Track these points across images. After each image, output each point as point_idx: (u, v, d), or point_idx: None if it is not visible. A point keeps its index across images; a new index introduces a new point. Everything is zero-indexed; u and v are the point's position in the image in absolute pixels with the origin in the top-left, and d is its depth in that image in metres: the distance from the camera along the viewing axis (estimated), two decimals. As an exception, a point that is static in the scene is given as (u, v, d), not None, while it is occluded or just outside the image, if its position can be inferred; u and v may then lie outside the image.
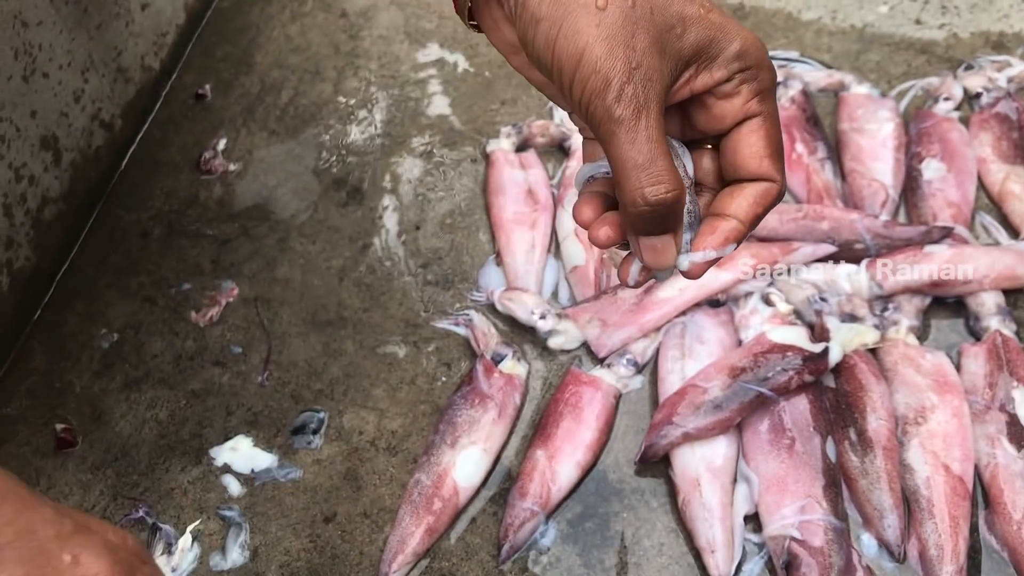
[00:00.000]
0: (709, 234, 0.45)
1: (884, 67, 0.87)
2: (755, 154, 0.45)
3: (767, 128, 0.45)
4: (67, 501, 0.70)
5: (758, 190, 0.45)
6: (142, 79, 0.91)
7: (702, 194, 0.47)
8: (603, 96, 0.42)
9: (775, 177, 0.45)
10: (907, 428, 0.66)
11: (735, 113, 0.45)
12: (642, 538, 0.65)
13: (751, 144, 0.45)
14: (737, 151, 0.46)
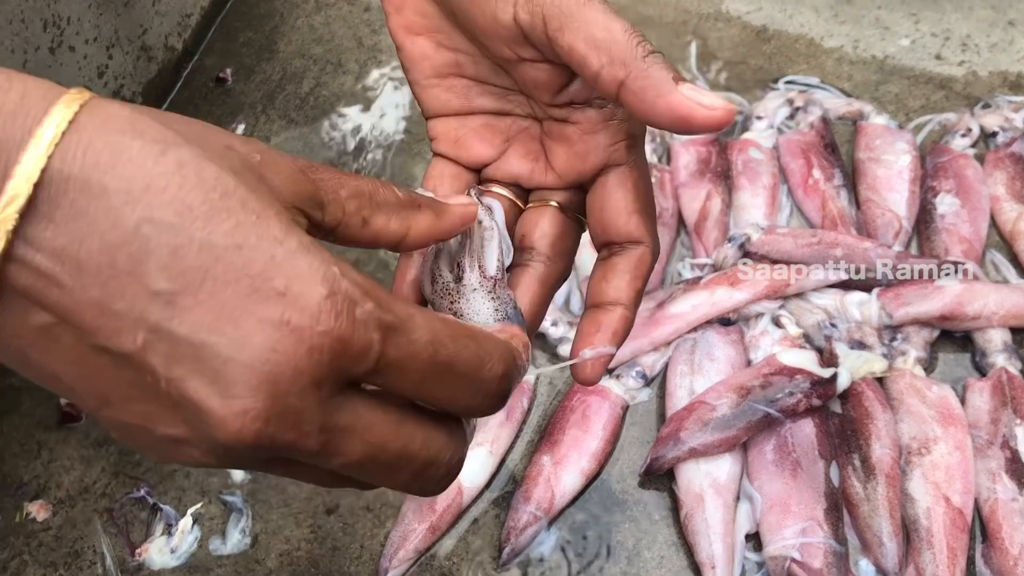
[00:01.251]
0: (594, 332, 0.41)
1: (903, 99, 0.88)
2: (622, 210, 0.42)
3: (634, 179, 0.42)
4: (68, 476, 0.69)
5: (631, 262, 0.42)
6: (164, 59, 0.91)
7: (529, 263, 0.43)
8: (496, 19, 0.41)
9: (643, 239, 0.42)
10: (910, 458, 0.67)
11: (598, 154, 0.42)
12: (643, 550, 0.65)
13: (617, 199, 0.42)
14: (604, 208, 0.42)
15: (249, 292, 0.30)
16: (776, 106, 0.86)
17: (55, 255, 0.30)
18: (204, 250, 0.30)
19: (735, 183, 0.81)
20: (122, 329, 0.31)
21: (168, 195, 0.30)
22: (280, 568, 0.65)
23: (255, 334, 0.30)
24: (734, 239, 0.76)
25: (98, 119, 0.31)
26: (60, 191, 0.30)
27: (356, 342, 0.31)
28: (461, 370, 0.34)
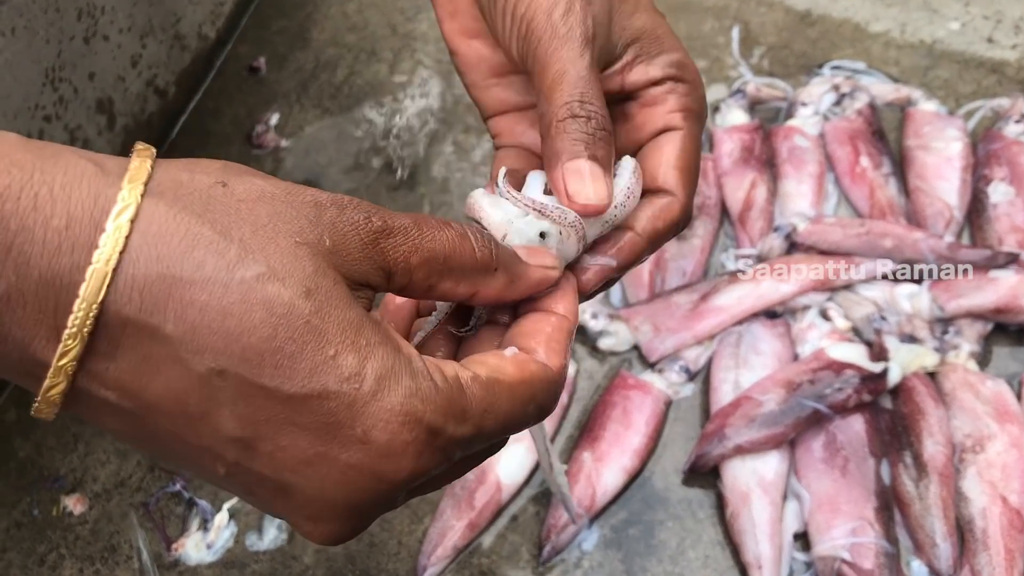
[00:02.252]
0: (603, 243, 0.41)
1: (953, 84, 0.86)
2: (663, 163, 0.42)
3: (685, 143, 0.42)
4: (104, 469, 0.69)
5: (658, 204, 0.41)
6: (198, 48, 0.90)
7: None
8: (550, 12, 0.40)
9: (676, 191, 0.41)
10: (964, 456, 0.64)
11: (656, 122, 0.42)
12: (687, 549, 0.64)
13: (663, 153, 0.42)
14: (646, 159, 0.42)
15: (329, 439, 0.30)
16: (821, 92, 0.83)
17: (121, 392, 0.29)
18: (279, 402, 0.30)
19: (780, 171, 0.79)
20: (202, 460, 0.31)
21: (233, 340, 0.29)
22: (317, 564, 0.64)
23: (337, 476, 0.31)
24: (780, 229, 0.74)
25: (152, 238, 0.29)
26: (120, 334, 0.29)
27: (434, 467, 0.32)
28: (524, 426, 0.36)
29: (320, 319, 0.30)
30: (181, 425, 0.30)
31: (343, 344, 0.30)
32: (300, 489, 0.31)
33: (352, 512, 0.32)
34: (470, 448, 0.34)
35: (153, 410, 0.30)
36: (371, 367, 0.30)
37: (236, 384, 0.29)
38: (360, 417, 0.30)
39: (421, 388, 0.31)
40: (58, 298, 0.28)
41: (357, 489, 0.31)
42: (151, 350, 0.29)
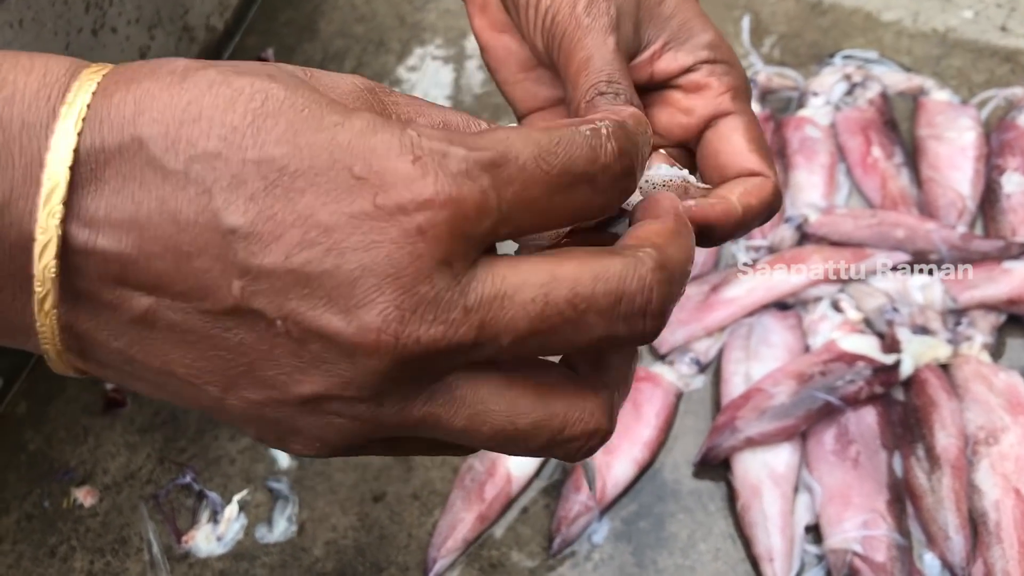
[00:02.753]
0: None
1: (966, 74, 0.85)
2: (738, 150, 0.40)
3: (747, 125, 0.40)
4: (114, 462, 0.69)
5: (750, 182, 0.39)
6: (206, 39, 0.90)
7: None
8: (574, 4, 0.39)
9: (766, 172, 0.39)
10: (977, 448, 0.64)
11: (704, 108, 0.41)
12: (698, 541, 0.63)
13: (732, 142, 0.40)
14: (719, 152, 0.40)
15: (327, 190, 0.27)
16: (833, 82, 0.83)
17: (116, 232, 0.28)
18: (263, 166, 0.27)
19: (791, 162, 0.78)
20: (215, 282, 0.27)
21: (205, 123, 0.27)
22: (327, 556, 0.64)
23: (352, 233, 0.26)
24: (791, 220, 0.74)
25: (118, 77, 0.29)
26: (100, 163, 0.28)
27: (467, 197, 0.27)
28: (578, 168, 0.29)
29: (288, 88, 0.28)
30: (182, 243, 0.27)
31: (317, 105, 0.28)
32: (319, 268, 0.27)
33: (390, 279, 0.26)
34: (511, 182, 0.28)
35: (150, 238, 0.27)
36: (356, 116, 0.28)
37: (217, 165, 0.27)
38: (352, 154, 0.27)
39: (416, 127, 0.28)
40: (39, 143, 0.28)
41: (385, 242, 0.26)
42: (130, 167, 0.27)
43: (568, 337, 0.29)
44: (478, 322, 0.27)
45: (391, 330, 0.27)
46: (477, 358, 0.28)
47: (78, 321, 0.29)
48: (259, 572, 0.64)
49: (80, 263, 0.28)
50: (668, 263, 0.30)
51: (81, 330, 0.29)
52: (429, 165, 0.27)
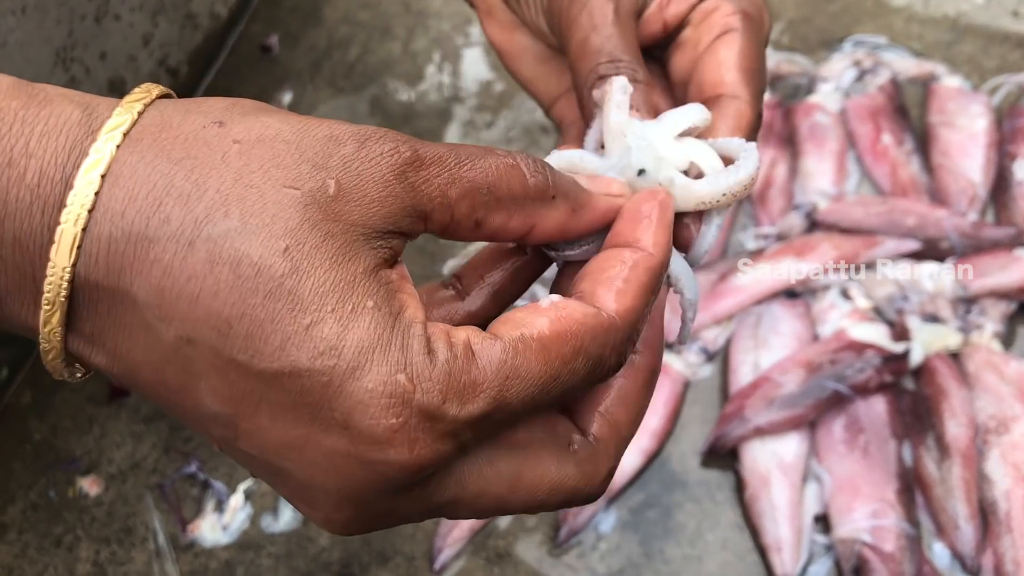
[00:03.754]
0: None
1: (977, 60, 0.84)
2: (722, 65, 0.38)
3: (741, 44, 0.38)
4: (119, 451, 0.69)
5: (726, 112, 0.37)
6: (210, 26, 0.89)
7: None
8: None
9: (740, 93, 0.37)
10: (987, 437, 0.63)
11: (712, 31, 0.39)
12: (705, 532, 0.63)
13: (720, 54, 0.38)
14: (704, 64, 0.38)
15: (309, 420, 0.26)
16: (843, 68, 0.82)
17: (109, 358, 0.28)
18: (252, 377, 0.26)
19: (800, 149, 0.77)
20: (197, 428, 0.29)
21: (201, 308, 0.26)
22: (332, 546, 0.64)
23: (323, 463, 0.27)
24: (800, 207, 0.73)
25: (120, 200, 0.26)
26: (94, 299, 0.27)
27: (443, 455, 0.27)
28: (570, 393, 0.29)
29: (296, 280, 0.26)
30: (165, 396, 0.28)
31: (321, 311, 0.26)
32: (289, 473, 0.28)
33: (351, 502, 0.28)
34: (498, 428, 0.28)
35: (139, 379, 0.28)
36: (352, 338, 0.26)
37: (207, 355, 0.26)
38: (337, 398, 0.26)
39: (412, 363, 0.26)
40: (34, 262, 0.27)
41: (348, 477, 0.27)
42: (124, 316, 0.27)
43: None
44: (435, 514, 0.29)
45: (347, 530, 0.29)
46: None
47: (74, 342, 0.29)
48: (264, 562, 0.64)
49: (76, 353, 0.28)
50: (621, 450, 0.32)
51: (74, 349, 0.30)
52: (412, 432, 0.26)
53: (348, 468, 0.27)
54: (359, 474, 0.27)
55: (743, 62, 0.38)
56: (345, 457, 0.27)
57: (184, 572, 0.64)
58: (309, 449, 0.27)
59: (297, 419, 0.27)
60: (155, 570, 0.64)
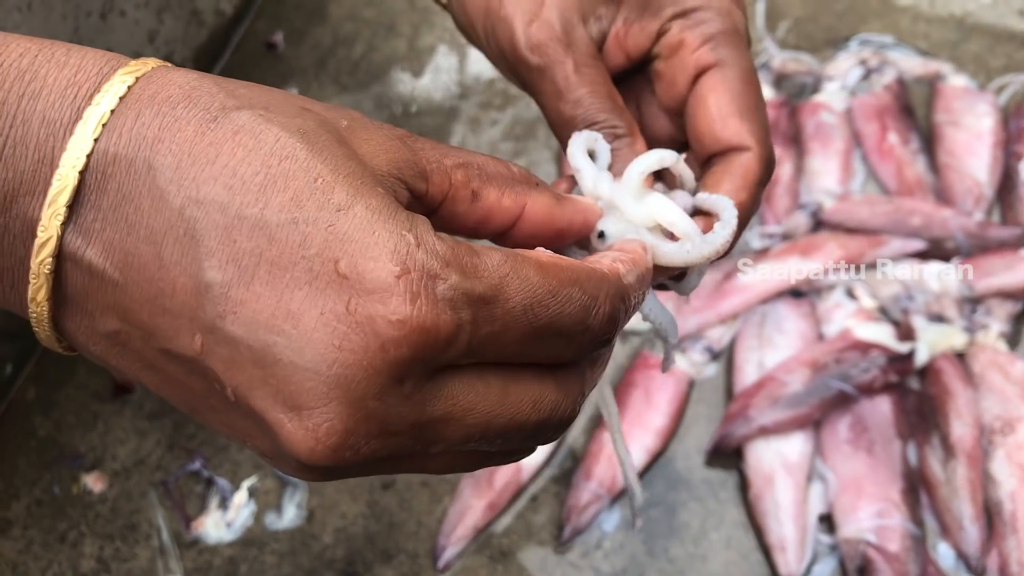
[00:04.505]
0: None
1: (983, 59, 0.84)
2: (716, 116, 0.36)
3: (729, 81, 0.36)
4: (123, 447, 0.69)
5: (731, 168, 0.36)
6: (215, 23, 0.89)
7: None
8: (515, 46, 0.37)
9: (746, 143, 0.36)
10: (993, 438, 0.63)
11: (686, 69, 0.37)
12: (709, 530, 0.63)
13: (709, 104, 0.36)
14: (696, 117, 0.37)
15: (308, 278, 0.26)
16: (849, 67, 0.82)
17: (104, 249, 0.27)
18: (257, 230, 0.26)
19: (806, 147, 0.77)
20: (179, 329, 0.27)
21: (218, 166, 0.27)
22: (336, 544, 0.64)
23: (318, 330, 0.26)
24: (806, 207, 0.73)
25: (153, 90, 0.28)
26: (107, 175, 0.27)
27: (441, 328, 0.26)
28: (563, 326, 0.29)
29: (312, 151, 0.27)
30: (159, 279, 0.27)
31: (333, 178, 0.27)
32: (277, 355, 0.26)
33: (340, 389, 0.26)
34: (492, 322, 0.27)
35: (132, 266, 0.27)
36: (361, 202, 0.27)
37: (213, 214, 0.26)
38: (341, 244, 0.26)
39: (419, 232, 0.27)
40: (55, 142, 0.27)
41: (343, 348, 0.26)
42: (133, 187, 0.27)
43: (500, 448, 0.30)
44: (420, 436, 0.28)
45: (329, 441, 0.26)
46: (417, 455, 0.29)
47: (63, 320, 0.29)
48: (268, 559, 0.64)
49: (68, 269, 0.28)
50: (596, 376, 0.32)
51: (66, 328, 0.29)
52: (415, 284, 0.26)
53: (344, 332, 0.26)
54: (355, 341, 0.26)
55: (737, 104, 0.36)
56: (342, 318, 0.26)
57: (188, 569, 0.64)
58: (305, 312, 0.26)
59: (295, 280, 0.26)
60: (159, 567, 0.64)
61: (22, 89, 0.27)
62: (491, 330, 0.27)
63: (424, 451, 0.28)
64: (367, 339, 0.26)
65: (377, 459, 0.28)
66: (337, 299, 0.26)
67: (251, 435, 0.29)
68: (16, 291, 0.29)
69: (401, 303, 0.26)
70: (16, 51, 0.28)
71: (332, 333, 0.26)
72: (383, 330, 0.26)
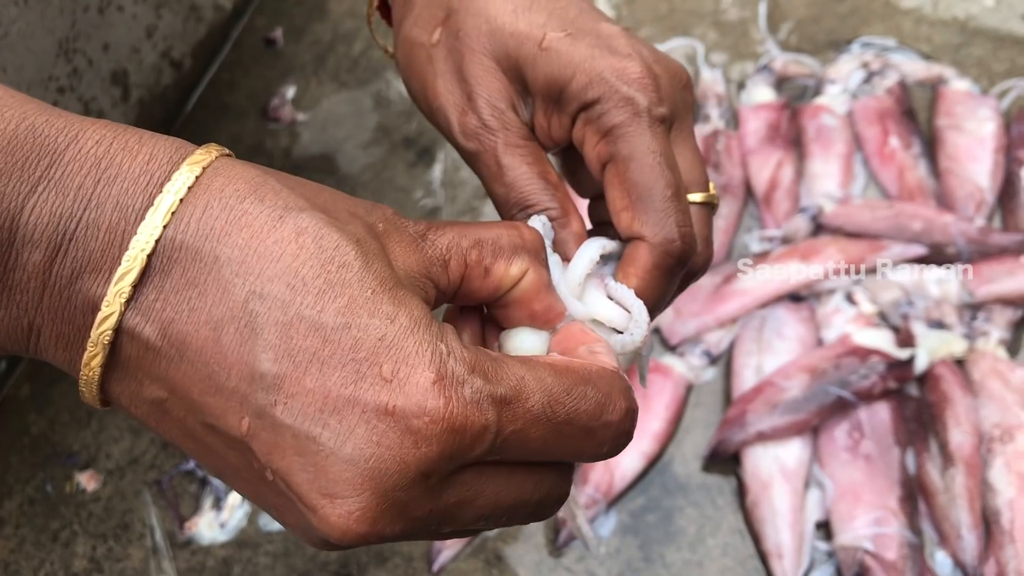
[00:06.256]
0: None
1: (986, 63, 0.83)
2: (612, 209, 0.38)
3: (622, 174, 0.38)
4: (117, 446, 0.68)
5: (628, 256, 0.38)
6: (214, 19, 0.89)
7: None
8: (451, 133, 0.40)
9: (639, 232, 0.37)
10: (992, 446, 0.63)
11: (591, 162, 0.39)
12: (706, 536, 0.62)
13: (608, 198, 0.39)
14: (610, 214, 0.39)
15: (356, 378, 0.29)
16: (850, 69, 0.81)
17: (162, 328, 0.30)
18: (313, 330, 0.29)
19: (807, 150, 0.77)
20: (228, 411, 0.30)
21: (281, 265, 0.29)
22: (331, 545, 0.64)
23: (359, 426, 0.29)
24: (806, 210, 0.73)
25: (220, 182, 0.31)
26: (172, 260, 0.30)
27: (469, 427, 0.29)
28: (583, 422, 0.32)
29: (365, 262, 0.30)
30: (215, 363, 0.29)
31: (382, 289, 0.30)
32: (319, 444, 0.29)
33: (373, 481, 0.28)
34: (514, 421, 0.30)
35: (189, 347, 0.30)
36: (404, 311, 0.30)
37: (274, 310, 0.29)
38: (388, 352, 0.29)
39: (448, 340, 0.30)
40: (126, 228, 0.30)
41: (381, 444, 0.28)
42: (198, 275, 0.30)
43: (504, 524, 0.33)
44: (438, 519, 0.31)
45: (359, 528, 0.29)
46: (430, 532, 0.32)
47: (110, 383, 0.32)
48: (262, 560, 0.63)
49: (124, 341, 0.30)
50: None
51: (111, 391, 0.32)
52: (447, 388, 0.29)
53: (382, 430, 0.29)
54: (392, 438, 0.29)
55: (630, 196, 0.38)
56: (382, 416, 0.29)
57: (181, 569, 0.63)
58: (349, 409, 0.29)
59: (343, 379, 0.29)
60: (152, 567, 0.64)
61: (99, 175, 0.30)
62: (515, 428, 0.30)
63: (437, 531, 0.31)
64: (403, 437, 0.29)
65: (395, 537, 0.31)
66: (379, 399, 0.29)
67: (280, 509, 0.31)
68: (69, 354, 0.31)
69: (435, 403, 0.29)
70: (93, 138, 0.30)
71: (372, 430, 0.29)
72: (418, 428, 0.29)
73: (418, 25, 0.42)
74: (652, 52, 0.40)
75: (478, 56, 0.40)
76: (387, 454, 0.29)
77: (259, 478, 0.31)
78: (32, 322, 0.31)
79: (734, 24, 0.86)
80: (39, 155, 0.30)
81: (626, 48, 0.39)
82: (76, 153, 0.30)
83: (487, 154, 0.39)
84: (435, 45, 0.41)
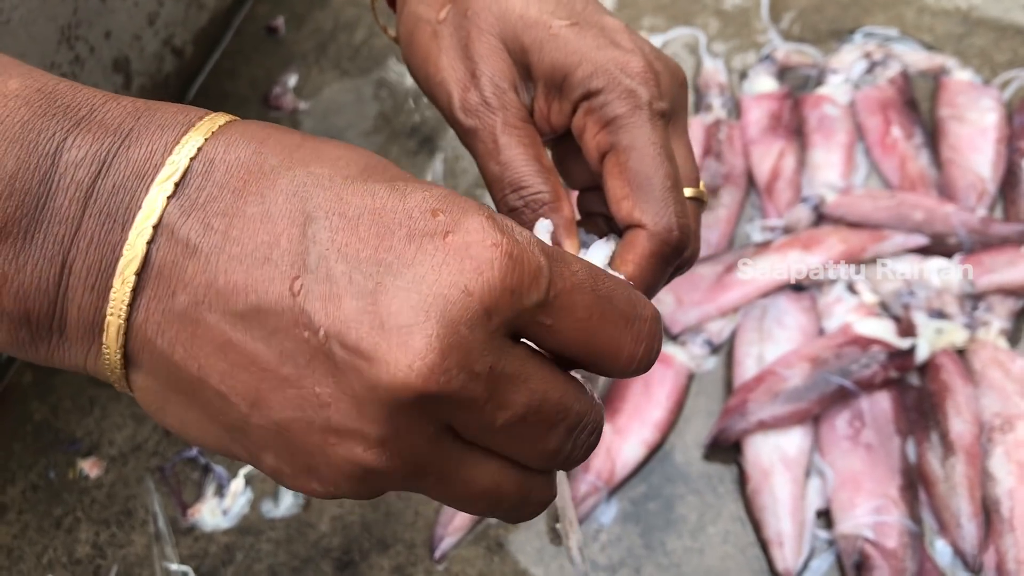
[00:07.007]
0: None
1: (988, 53, 0.83)
2: (612, 198, 0.39)
3: (623, 164, 0.38)
4: (120, 433, 0.69)
5: (626, 243, 0.38)
6: (215, 7, 0.88)
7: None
8: (451, 109, 0.40)
9: (638, 220, 0.38)
10: (992, 435, 0.63)
11: (591, 152, 0.40)
12: (707, 524, 0.63)
13: (608, 186, 0.39)
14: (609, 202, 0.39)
15: (409, 222, 0.29)
16: (853, 59, 0.81)
17: (205, 220, 0.30)
18: (363, 192, 0.30)
19: (809, 140, 0.77)
20: (276, 278, 0.29)
21: (326, 159, 0.31)
22: (332, 532, 0.64)
23: (418, 258, 0.28)
24: (808, 200, 0.73)
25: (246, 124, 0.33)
26: (215, 163, 0.31)
27: (527, 262, 0.29)
28: (622, 306, 0.31)
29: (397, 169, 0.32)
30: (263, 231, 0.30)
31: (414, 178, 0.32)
32: (377, 280, 0.28)
33: (438, 310, 0.27)
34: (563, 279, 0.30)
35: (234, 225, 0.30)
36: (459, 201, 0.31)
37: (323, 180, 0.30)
38: (439, 201, 0.30)
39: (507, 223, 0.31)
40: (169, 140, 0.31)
41: (444, 271, 0.28)
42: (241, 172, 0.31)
43: (534, 443, 0.31)
44: (494, 386, 0.29)
45: (428, 360, 0.27)
46: (468, 424, 0.30)
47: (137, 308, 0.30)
48: (265, 547, 0.64)
49: (160, 245, 0.30)
50: None
51: (136, 320, 0.30)
52: (503, 227, 0.29)
53: (443, 259, 0.28)
54: (452, 265, 0.28)
55: (631, 186, 0.38)
56: (439, 248, 0.29)
57: (184, 556, 0.64)
58: (405, 246, 0.29)
59: (398, 222, 0.29)
60: (155, 553, 0.64)
61: (137, 115, 0.32)
62: (563, 286, 0.29)
63: (491, 419, 0.29)
64: (463, 263, 0.28)
65: (452, 409, 0.29)
66: (436, 231, 0.29)
67: (324, 399, 0.29)
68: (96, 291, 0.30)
69: (494, 233, 0.29)
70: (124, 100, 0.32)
71: (431, 258, 0.28)
72: (478, 253, 0.28)
73: (425, 2, 0.43)
74: (653, 49, 0.41)
75: (485, 35, 0.40)
76: (449, 279, 0.28)
77: (304, 362, 0.28)
78: (65, 258, 0.30)
79: (736, 13, 0.86)
80: (78, 104, 0.31)
81: (629, 43, 0.40)
82: (113, 105, 0.31)
83: (485, 131, 0.40)
84: (441, 22, 0.41)
